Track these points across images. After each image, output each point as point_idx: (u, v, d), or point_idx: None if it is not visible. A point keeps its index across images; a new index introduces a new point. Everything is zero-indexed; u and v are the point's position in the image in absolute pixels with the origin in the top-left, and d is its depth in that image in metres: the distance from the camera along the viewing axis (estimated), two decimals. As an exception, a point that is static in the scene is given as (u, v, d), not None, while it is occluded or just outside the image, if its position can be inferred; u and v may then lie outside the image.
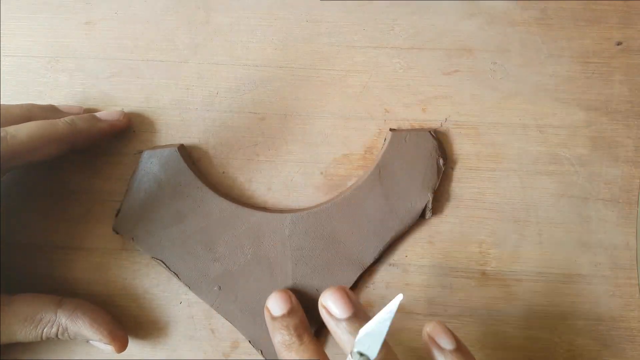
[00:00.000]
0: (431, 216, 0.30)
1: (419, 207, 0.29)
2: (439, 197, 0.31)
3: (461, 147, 0.31)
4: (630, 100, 0.31)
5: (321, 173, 0.31)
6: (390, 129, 0.31)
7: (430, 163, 0.29)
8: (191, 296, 0.30)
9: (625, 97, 0.31)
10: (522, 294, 0.30)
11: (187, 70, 0.32)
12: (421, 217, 0.30)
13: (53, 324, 0.27)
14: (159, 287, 0.31)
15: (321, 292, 0.26)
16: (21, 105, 0.29)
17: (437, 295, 0.31)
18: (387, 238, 0.29)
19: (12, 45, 0.32)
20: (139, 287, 0.31)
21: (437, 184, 0.30)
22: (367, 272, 0.30)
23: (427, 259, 0.31)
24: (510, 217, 0.30)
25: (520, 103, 0.31)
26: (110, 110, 0.31)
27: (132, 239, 0.29)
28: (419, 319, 0.31)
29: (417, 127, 0.31)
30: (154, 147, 0.31)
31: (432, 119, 0.31)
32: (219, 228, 0.29)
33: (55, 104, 0.31)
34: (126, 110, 0.31)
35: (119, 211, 0.30)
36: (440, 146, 0.30)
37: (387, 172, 0.29)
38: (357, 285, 0.30)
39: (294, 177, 0.31)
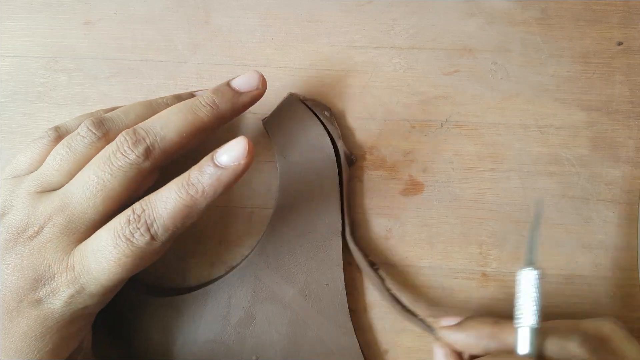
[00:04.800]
0: (355, 160, 0.31)
1: (332, 155, 0.30)
2: (439, 196, 0.31)
3: (461, 147, 0.31)
4: (631, 100, 0.30)
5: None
6: (262, 120, 0.31)
7: (311, 118, 0.30)
8: None
9: (626, 97, 0.30)
10: (522, 295, 0.30)
11: (186, 70, 0.31)
12: (350, 165, 0.31)
13: None
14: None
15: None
16: (166, 102, 0.28)
17: (437, 296, 0.30)
18: (336, 199, 0.30)
19: (11, 45, 0.32)
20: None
21: (339, 131, 0.30)
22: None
23: (427, 260, 0.30)
24: (510, 217, 0.30)
25: (520, 103, 0.31)
26: (246, 74, 0.28)
27: None
28: (419, 320, 0.30)
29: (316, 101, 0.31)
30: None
31: (432, 119, 0.31)
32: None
33: (193, 91, 0.30)
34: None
35: None
36: (315, 101, 0.31)
37: (288, 152, 0.30)
38: (355, 285, 0.30)
39: (293, 178, 0.31)
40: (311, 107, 0.30)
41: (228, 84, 0.27)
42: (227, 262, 0.31)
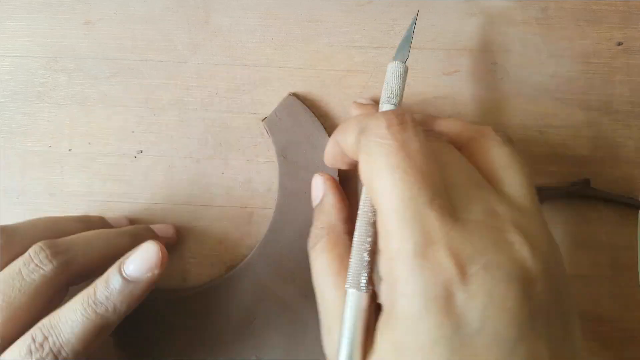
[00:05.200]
0: None
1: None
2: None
3: (461, 147, 0.31)
4: (631, 100, 0.30)
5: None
6: (262, 120, 0.31)
7: (311, 118, 0.30)
8: None
9: (626, 97, 0.30)
10: (522, 295, 0.30)
11: (186, 70, 0.31)
12: None
13: None
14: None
15: None
16: (76, 218, 0.27)
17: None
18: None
19: (11, 45, 0.32)
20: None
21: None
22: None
23: (427, 260, 0.30)
24: (510, 217, 0.30)
25: (520, 103, 0.31)
26: (162, 225, 0.30)
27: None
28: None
29: None
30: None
31: (433, 119, 0.31)
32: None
33: (102, 216, 0.29)
34: (125, 110, 0.31)
35: None
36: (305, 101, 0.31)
37: (288, 152, 0.30)
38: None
39: (293, 178, 0.31)
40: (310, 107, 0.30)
41: (148, 227, 0.28)
42: (227, 262, 0.31)
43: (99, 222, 0.28)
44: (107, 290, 0.22)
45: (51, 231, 0.25)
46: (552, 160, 0.30)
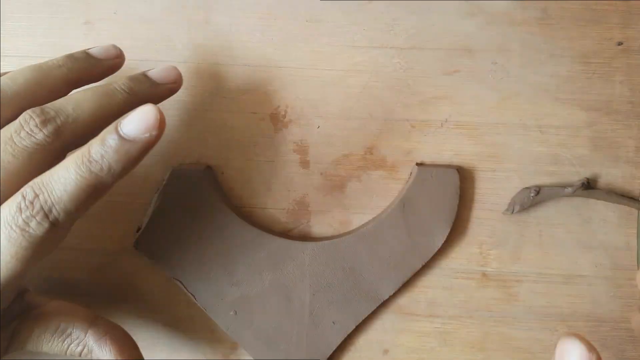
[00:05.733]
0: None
1: (438, 242, 0.29)
2: (439, 198, 0.30)
3: (461, 147, 0.31)
4: (631, 100, 0.30)
5: (321, 174, 0.31)
6: (417, 164, 0.30)
7: (454, 199, 0.29)
8: (191, 297, 0.30)
9: (626, 97, 0.30)
10: (522, 295, 0.30)
11: (186, 70, 0.31)
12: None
13: (79, 343, 0.24)
14: (159, 288, 0.31)
15: (337, 324, 0.27)
16: (58, 63, 0.25)
17: (437, 296, 0.30)
18: (408, 274, 0.29)
19: (11, 45, 0.32)
20: (139, 289, 0.31)
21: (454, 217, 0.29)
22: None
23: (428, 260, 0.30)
24: (510, 217, 0.30)
25: (520, 103, 0.31)
26: (164, 67, 0.27)
27: (152, 258, 0.29)
28: (419, 320, 0.30)
29: (441, 164, 0.30)
30: (180, 165, 0.30)
31: (432, 119, 0.31)
32: (239, 252, 0.29)
33: (86, 49, 0.27)
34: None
35: (139, 228, 0.30)
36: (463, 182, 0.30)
37: (410, 207, 0.29)
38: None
39: (293, 178, 0.31)
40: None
41: (145, 74, 0.26)
42: (227, 262, 0.31)
43: (83, 59, 0.26)
44: (103, 149, 0.21)
45: (33, 83, 0.24)
46: (552, 160, 0.30)
